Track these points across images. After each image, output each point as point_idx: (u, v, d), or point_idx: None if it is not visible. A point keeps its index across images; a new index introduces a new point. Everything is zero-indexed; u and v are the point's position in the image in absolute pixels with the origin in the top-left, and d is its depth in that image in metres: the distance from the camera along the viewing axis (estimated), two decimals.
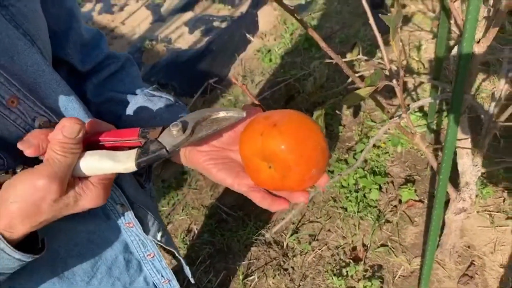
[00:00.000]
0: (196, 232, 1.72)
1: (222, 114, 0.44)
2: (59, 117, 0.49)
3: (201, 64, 2.55)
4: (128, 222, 0.61)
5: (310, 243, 1.61)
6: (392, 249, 1.53)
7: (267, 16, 2.78)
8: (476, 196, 1.49)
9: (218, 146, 0.52)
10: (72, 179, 0.43)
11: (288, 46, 2.54)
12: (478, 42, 0.92)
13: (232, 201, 1.80)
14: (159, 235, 0.67)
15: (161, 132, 0.44)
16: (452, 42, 2.08)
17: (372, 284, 1.43)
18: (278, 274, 1.54)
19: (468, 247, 1.46)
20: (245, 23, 2.72)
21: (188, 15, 2.87)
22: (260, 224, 1.69)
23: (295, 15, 0.78)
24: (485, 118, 1.17)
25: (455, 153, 1.11)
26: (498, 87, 1.22)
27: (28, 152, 0.41)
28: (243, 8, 2.83)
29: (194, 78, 2.48)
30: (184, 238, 1.71)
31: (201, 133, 0.44)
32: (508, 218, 1.50)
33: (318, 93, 1.80)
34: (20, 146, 0.41)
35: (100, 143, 0.44)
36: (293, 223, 1.69)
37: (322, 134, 0.47)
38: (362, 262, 1.52)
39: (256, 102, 0.52)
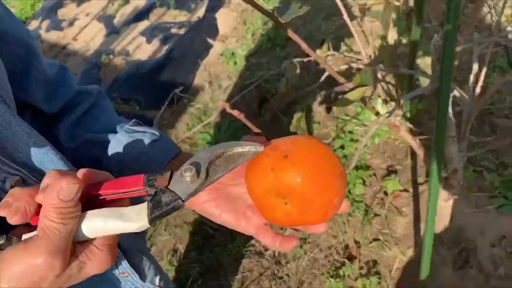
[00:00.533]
0: (182, 251, 1.65)
1: (236, 150, 0.39)
2: (35, 174, 0.43)
3: (164, 74, 2.46)
4: (122, 272, 0.55)
5: (301, 247, 1.57)
6: (385, 242, 1.52)
7: (226, 18, 2.72)
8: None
9: (218, 182, 0.47)
10: (73, 245, 0.36)
11: (251, 47, 2.49)
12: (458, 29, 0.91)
13: None
14: (157, 279, 0.62)
15: (170, 178, 0.37)
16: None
17: (370, 281, 1.41)
18: (274, 284, 1.49)
19: (459, 231, 1.47)
20: (204, 27, 2.65)
21: (144, 24, 2.76)
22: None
23: (279, 19, 0.73)
24: (466, 104, 1.17)
25: None
26: (473, 71, 1.22)
27: (14, 220, 0.34)
28: (200, 12, 2.76)
29: (158, 90, 2.39)
30: (170, 259, 1.63)
31: (216, 175, 0.38)
32: (491, 197, 1.52)
33: (291, 93, 1.76)
34: (5, 212, 0.34)
35: (100, 197, 0.37)
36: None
37: (337, 156, 0.43)
38: (357, 259, 1.50)
39: (257, 130, 0.47)
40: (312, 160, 0.40)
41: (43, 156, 0.44)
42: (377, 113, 1.04)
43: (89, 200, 0.37)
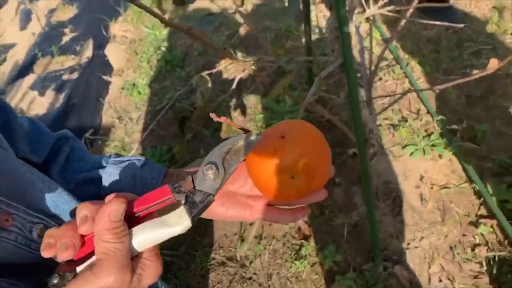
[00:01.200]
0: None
1: (241, 142, 0.43)
2: (53, 219, 0.44)
3: (69, 121, 2.35)
4: None
5: (259, 243, 1.64)
6: (330, 213, 1.65)
7: (116, 52, 2.69)
8: None
9: None
10: None
11: (151, 74, 2.50)
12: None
13: (168, 241, 1.72)
14: None
15: (193, 181, 0.42)
16: None
17: (329, 251, 1.53)
18: (246, 286, 1.54)
19: (386, 183, 1.66)
20: (96, 66, 2.59)
21: (31, 78, 2.61)
22: (207, 250, 1.66)
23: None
24: (363, 73, 1.34)
25: None
26: (359, 44, 1.40)
27: (66, 255, 0.35)
28: (88, 53, 2.69)
29: None
30: None
31: (232, 168, 0.42)
32: (403, 147, 1.74)
33: (209, 106, 1.82)
34: (51, 252, 0.35)
35: (136, 215, 0.40)
36: (235, 234, 1.69)
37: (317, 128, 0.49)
38: (311, 237, 1.61)
39: (239, 127, 0.52)
40: (306, 135, 0.46)
41: (58, 198, 0.45)
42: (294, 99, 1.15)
43: (127, 220, 0.40)
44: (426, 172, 1.67)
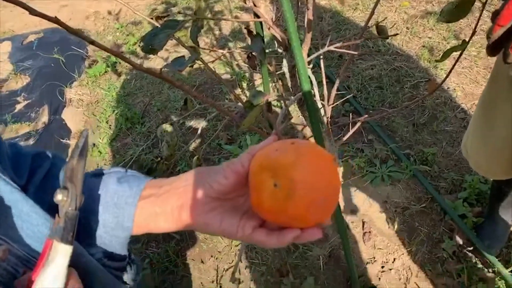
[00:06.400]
0: None
1: (78, 147, 0.45)
2: (18, 244, 0.43)
3: None
4: None
5: None
6: (304, 247, 1.68)
7: (73, 116, 2.69)
8: None
9: (215, 196, 0.49)
10: None
11: (110, 133, 2.51)
12: None
13: None
14: None
15: (58, 213, 0.43)
16: None
17: (308, 283, 1.54)
18: None
19: (353, 211, 1.73)
20: (54, 130, 2.56)
21: None
22: None
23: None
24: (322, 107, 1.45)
25: None
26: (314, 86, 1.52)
27: None
28: (44, 118, 2.66)
29: None
30: None
31: (79, 175, 0.45)
32: (362, 176, 1.84)
33: (175, 154, 1.85)
34: None
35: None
36: (212, 281, 1.67)
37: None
38: (290, 273, 1.62)
39: None
40: (314, 154, 0.45)
41: (22, 216, 0.43)
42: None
43: None
44: (388, 197, 1.76)
